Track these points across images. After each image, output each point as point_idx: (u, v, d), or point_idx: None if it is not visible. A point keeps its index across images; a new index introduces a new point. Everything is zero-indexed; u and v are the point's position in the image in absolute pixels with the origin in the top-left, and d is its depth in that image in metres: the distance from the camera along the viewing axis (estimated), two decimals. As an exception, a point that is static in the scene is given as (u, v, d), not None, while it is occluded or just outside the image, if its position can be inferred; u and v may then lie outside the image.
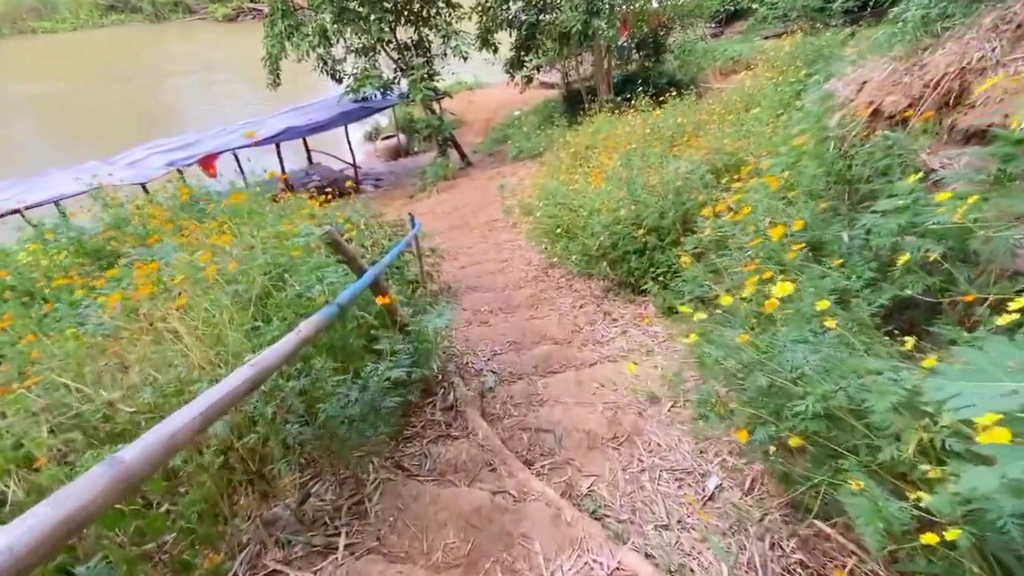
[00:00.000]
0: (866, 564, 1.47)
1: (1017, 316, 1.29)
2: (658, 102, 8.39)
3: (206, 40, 32.09)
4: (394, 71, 11.81)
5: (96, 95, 22.55)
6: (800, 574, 1.56)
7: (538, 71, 13.03)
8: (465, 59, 11.42)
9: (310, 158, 13.30)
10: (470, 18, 11.88)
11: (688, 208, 3.54)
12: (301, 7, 11.15)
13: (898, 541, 1.19)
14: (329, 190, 5.94)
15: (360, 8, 10.33)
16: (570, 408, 2.59)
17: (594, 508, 1.96)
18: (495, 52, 12.13)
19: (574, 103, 12.46)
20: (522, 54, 12.24)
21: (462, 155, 12.81)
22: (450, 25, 11.39)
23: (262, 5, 23.62)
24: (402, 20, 11.48)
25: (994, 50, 2.50)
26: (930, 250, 1.85)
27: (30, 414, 1.28)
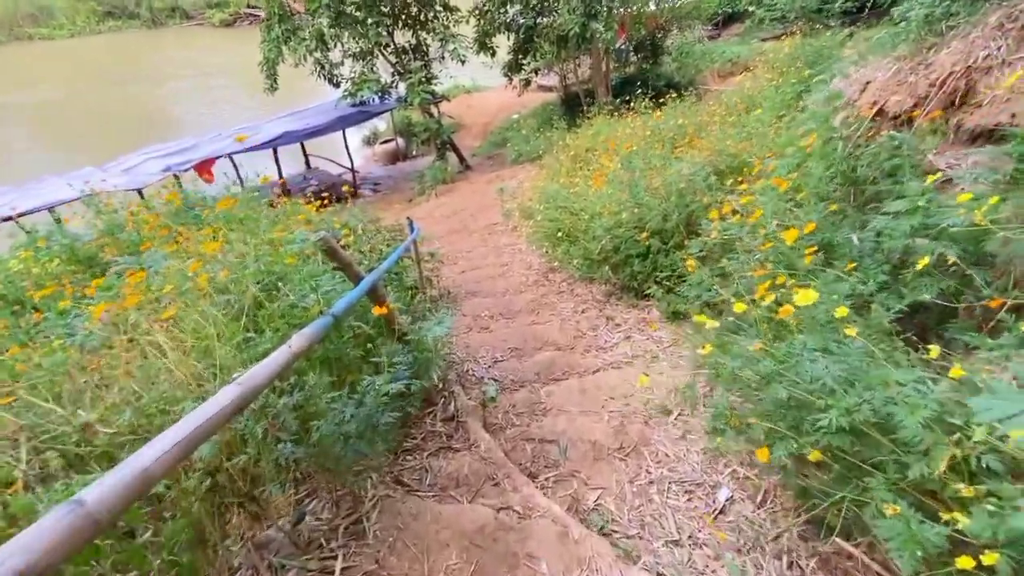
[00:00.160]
0: (892, 586, 1.40)
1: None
2: (657, 104, 8.35)
3: (203, 45, 32.05)
4: (392, 75, 11.76)
5: (93, 100, 22.50)
6: (821, 596, 1.49)
7: (536, 74, 12.98)
8: (463, 63, 11.36)
9: (308, 163, 13.24)
10: (468, 21, 11.87)
11: (692, 211, 3.47)
12: (298, 11, 11.11)
13: (931, 565, 1.12)
14: (327, 194, 5.86)
15: (357, 12, 10.28)
16: (574, 417, 2.52)
17: (602, 523, 1.88)
18: (493, 55, 12.09)
19: (572, 106, 12.43)
20: (520, 57, 12.20)
21: (461, 159, 12.75)
22: (448, 29, 11.34)
23: (259, 10, 23.62)
24: (399, 24, 11.45)
25: (1000, 49, 2.46)
26: (946, 253, 1.79)
27: (3, 437, 1.20)
